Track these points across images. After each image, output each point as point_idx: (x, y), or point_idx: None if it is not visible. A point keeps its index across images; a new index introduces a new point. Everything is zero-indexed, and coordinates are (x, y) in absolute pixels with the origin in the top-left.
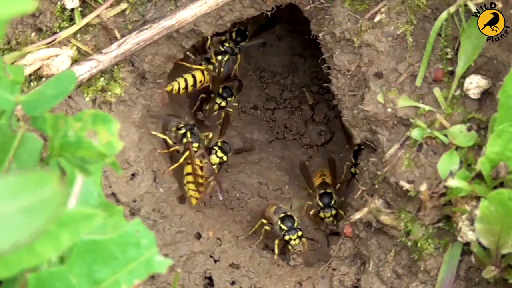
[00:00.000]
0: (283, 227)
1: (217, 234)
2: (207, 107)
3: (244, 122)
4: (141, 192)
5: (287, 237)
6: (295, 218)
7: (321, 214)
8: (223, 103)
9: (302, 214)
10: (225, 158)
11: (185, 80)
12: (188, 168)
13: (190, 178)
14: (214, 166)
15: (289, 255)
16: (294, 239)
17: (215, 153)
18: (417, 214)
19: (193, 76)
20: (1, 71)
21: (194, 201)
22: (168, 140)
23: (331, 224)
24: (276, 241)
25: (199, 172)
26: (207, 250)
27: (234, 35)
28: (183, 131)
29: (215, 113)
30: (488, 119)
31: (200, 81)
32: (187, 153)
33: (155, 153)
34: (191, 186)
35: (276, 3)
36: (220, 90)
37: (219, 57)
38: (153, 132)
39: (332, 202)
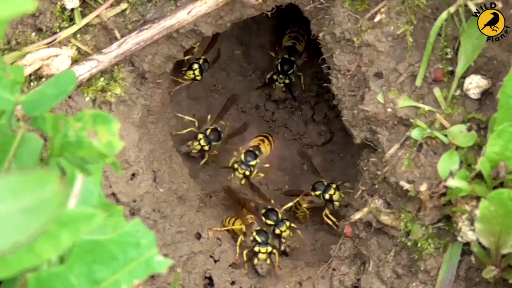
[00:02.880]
0: (257, 238)
1: (217, 234)
2: (190, 143)
3: (244, 122)
4: (141, 192)
5: (256, 249)
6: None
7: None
8: (206, 147)
9: None
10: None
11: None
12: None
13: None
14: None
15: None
16: (263, 253)
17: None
18: (417, 214)
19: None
20: (1, 71)
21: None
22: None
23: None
24: (245, 251)
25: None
26: (207, 250)
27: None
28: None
29: (195, 152)
30: (488, 119)
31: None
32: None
33: None
34: None
35: (276, 3)
36: (208, 131)
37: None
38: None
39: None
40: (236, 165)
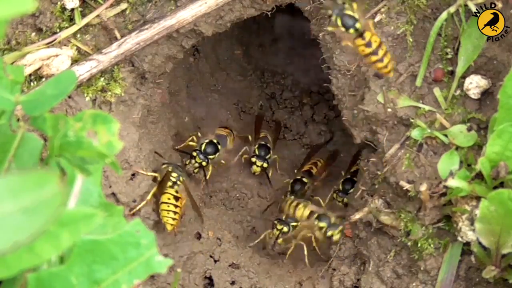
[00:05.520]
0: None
1: (217, 234)
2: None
3: (244, 122)
4: (141, 192)
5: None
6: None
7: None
8: (204, 163)
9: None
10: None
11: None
12: (164, 197)
13: (165, 206)
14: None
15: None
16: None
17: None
18: (417, 214)
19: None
20: (1, 71)
21: (169, 227)
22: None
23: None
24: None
25: (173, 201)
26: (207, 250)
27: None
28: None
29: (195, 170)
30: (488, 119)
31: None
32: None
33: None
34: (165, 213)
35: (276, 3)
36: (203, 147)
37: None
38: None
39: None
40: (194, 153)
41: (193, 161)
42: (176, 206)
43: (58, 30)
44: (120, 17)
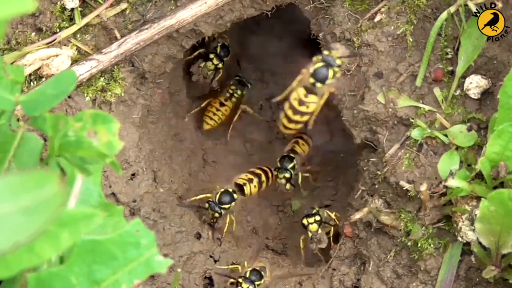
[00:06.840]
0: None
1: (217, 234)
2: (202, 65)
3: (244, 122)
4: (141, 192)
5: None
6: None
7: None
8: (220, 65)
9: None
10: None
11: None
12: (212, 101)
13: (209, 107)
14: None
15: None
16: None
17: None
18: (417, 214)
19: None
20: (1, 71)
21: (206, 126)
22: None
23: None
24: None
25: (217, 106)
26: (207, 250)
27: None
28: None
29: (209, 73)
30: (488, 119)
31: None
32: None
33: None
34: (206, 112)
35: (276, 3)
36: (218, 50)
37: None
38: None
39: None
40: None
41: (208, 211)
42: (218, 110)
43: (58, 30)
44: (120, 17)
